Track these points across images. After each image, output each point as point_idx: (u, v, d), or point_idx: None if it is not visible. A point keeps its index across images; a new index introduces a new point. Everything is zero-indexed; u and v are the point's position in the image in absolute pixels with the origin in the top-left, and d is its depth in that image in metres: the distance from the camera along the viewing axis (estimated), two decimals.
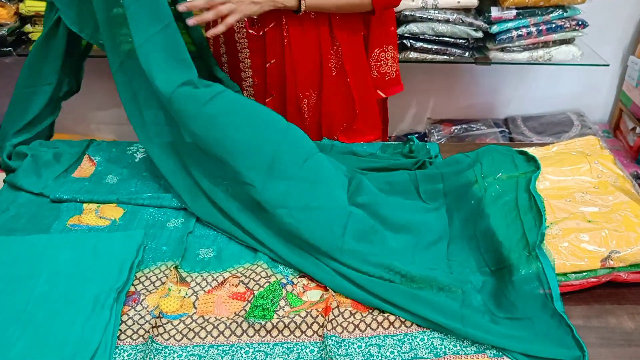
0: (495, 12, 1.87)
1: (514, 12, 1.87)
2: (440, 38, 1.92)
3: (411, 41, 1.91)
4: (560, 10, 1.89)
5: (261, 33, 1.36)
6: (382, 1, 1.30)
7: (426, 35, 1.90)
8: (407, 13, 1.84)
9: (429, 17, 1.86)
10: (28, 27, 1.88)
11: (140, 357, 0.85)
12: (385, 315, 0.92)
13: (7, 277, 0.95)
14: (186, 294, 0.96)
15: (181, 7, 1.18)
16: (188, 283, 0.98)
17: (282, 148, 1.06)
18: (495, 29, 1.87)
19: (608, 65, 2.01)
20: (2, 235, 1.07)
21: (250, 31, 1.36)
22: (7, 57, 1.85)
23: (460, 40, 1.93)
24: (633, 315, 0.94)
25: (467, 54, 1.96)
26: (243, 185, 1.05)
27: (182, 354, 0.86)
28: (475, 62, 2.00)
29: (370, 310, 0.92)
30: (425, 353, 0.86)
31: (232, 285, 0.98)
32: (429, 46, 1.94)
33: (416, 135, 2.44)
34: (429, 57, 1.97)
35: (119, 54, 1.17)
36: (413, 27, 1.88)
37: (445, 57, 1.96)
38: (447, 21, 1.86)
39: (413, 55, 1.95)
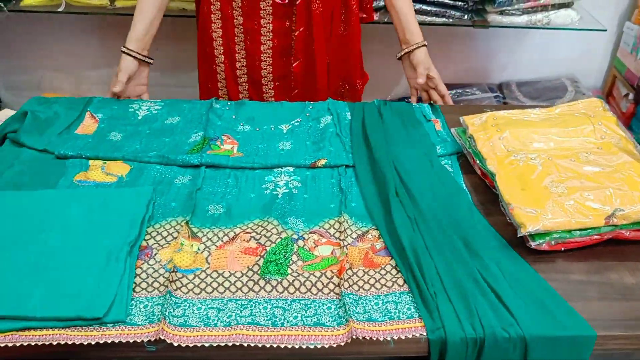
0: None
1: None
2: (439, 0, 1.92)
3: None
4: None
5: (287, 1, 1.39)
6: None
7: None
8: None
9: None
10: None
11: (158, 309, 0.86)
12: (398, 274, 0.92)
13: (19, 231, 0.95)
14: (198, 249, 0.96)
15: None
16: (199, 238, 0.99)
17: None
18: None
19: (605, 30, 2.02)
20: (9, 190, 1.07)
21: (278, 0, 1.40)
22: None
23: (459, 3, 1.92)
24: (633, 271, 0.97)
25: (465, 16, 1.95)
26: None
27: (202, 306, 0.87)
28: (473, 25, 1.99)
29: (383, 265, 0.94)
30: None
31: (244, 240, 0.98)
32: (428, 8, 1.93)
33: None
34: (428, 19, 1.96)
35: None
36: None
37: (443, 19, 1.95)
38: None
39: None
